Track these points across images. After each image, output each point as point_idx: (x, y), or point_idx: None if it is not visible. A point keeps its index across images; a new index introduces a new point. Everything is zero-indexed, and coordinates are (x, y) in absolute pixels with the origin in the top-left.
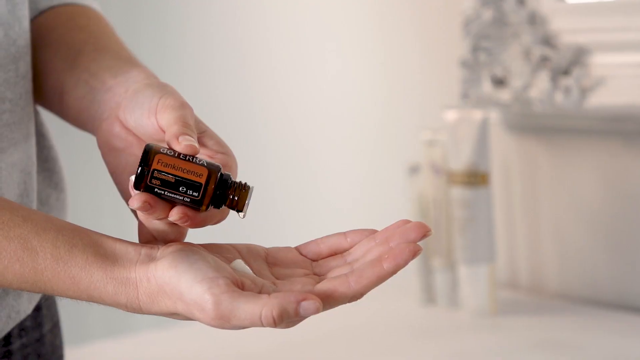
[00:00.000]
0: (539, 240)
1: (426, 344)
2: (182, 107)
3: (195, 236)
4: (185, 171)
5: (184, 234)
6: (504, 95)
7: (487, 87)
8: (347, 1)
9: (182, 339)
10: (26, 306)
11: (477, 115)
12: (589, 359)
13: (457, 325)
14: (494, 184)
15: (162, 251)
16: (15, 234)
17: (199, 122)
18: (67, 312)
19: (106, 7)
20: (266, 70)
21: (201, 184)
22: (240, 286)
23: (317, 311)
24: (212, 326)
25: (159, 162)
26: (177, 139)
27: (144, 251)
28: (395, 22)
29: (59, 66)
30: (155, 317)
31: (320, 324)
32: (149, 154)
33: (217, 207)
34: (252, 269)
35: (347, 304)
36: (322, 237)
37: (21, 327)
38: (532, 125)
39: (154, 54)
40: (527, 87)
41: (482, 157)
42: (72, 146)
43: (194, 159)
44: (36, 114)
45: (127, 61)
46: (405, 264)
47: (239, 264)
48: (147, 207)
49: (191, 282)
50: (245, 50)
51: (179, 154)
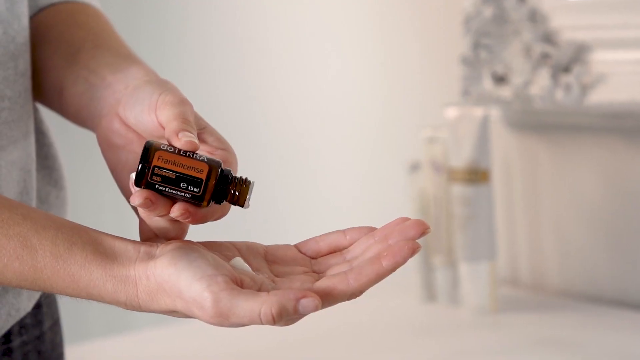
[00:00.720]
0: (540, 237)
1: (427, 342)
2: (182, 103)
3: (195, 234)
4: (185, 167)
5: (185, 231)
6: (505, 92)
7: (487, 84)
8: None
9: (182, 337)
10: (26, 304)
11: (477, 112)
12: (589, 356)
13: (458, 322)
14: (494, 181)
15: (162, 249)
16: (14, 232)
17: (199, 119)
18: (68, 309)
19: (106, 6)
20: (266, 68)
21: (202, 180)
22: (239, 284)
23: (316, 309)
24: (211, 324)
25: (159, 158)
26: (177, 135)
27: (143, 249)
28: (395, 20)
29: (59, 63)
30: (155, 314)
31: (320, 322)
32: (149, 151)
33: (218, 202)
34: (251, 267)
35: (347, 302)
36: (321, 235)
37: (21, 325)
38: (532, 122)
39: (154, 53)
40: (528, 84)
41: (482, 155)
42: (72, 144)
43: (194, 155)
44: (35, 111)
45: (126, 58)
46: (404, 261)
47: (238, 261)
48: (148, 204)
49: (190, 279)
50: (245, 47)
51: (179, 150)
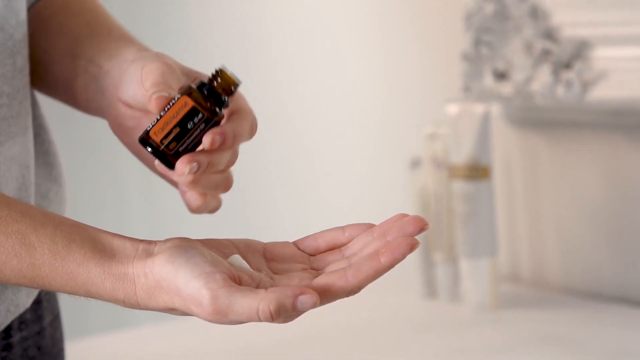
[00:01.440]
0: (541, 233)
1: (427, 338)
2: (159, 68)
3: (193, 232)
4: (176, 115)
5: (230, 180)
6: (506, 88)
7: (488, 80)
8: None
9: (182, 333)
10: (25, 300)
11: (478, 108)
12: (590, 353)
13: (459, 319)
14: (495, 177)
15: (160, 246)
16: (13, 229)
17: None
18: (68, 305)
19: (106, 3)
20: (265, 65)
21: (195, 108)
22: (237, 281)
23: (314, 305)
24: (210, 321)
25: (155, 134)
26: (150, 100)
27: (142, 246)
28: (396, 17)
29: (60, 57)
30: (154, 311)
31: (321, 318)
32: (146, 141)
33: (222, 104)
34: (249, 264)
35: (348, 298)
36: (320, 232)
37: (21, 320)
38: (533, 118)
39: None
40: (529, 81)
41: (483, 151)
42: (71, 141)
43: (172, 102)
44: (35, 107)
45: (119, 40)
46: (402, 258)
47: (237, 259)
48: (195, 166)
49: (188, 277)
50: (245, 41)
51: (161, 113)
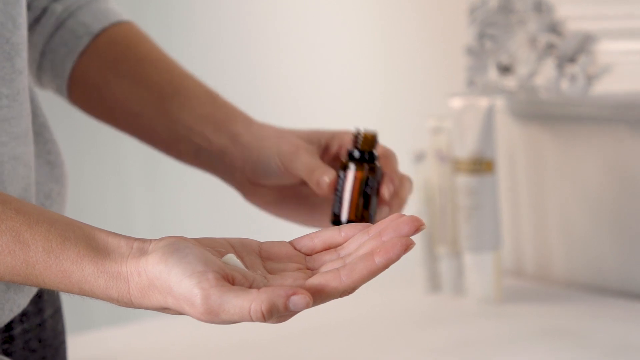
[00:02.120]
0: (545, 227)
1: (431, 332)
2: (299, 150)
3: (190, 230)
4: (353, 191)
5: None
6: (510, 82)
7: (492, 74)
8: None
9: (183, 327)
10: (26, 300)
11: (482, 102)
12: (594, 346)
13: (463, 313)
14: (499, 171)
15: (154, 245)
16: (7, 226)
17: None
18: (70, 299)
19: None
20: (267, 58)
21: (364, 177)
22: (230, 280)
23: (307, 306)
24: (202, 321)
25: (349, 215)
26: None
27: (136, 245)
28: (400, 10)
29: (143, 108)
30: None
31: (325, 312)
32: (341, 222)
33: (375, 158)
34: (244, 263)
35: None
36: (316, 232)
37: (22, 313)
38: (537, 112)
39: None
40: (533, 75)
41: (487, 145)
42: (72, 140)
43: (340, 181)
44: (37, 107)
45: (210, 104)
46: (397, 258)
47: (231, 258)
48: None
49: (180, 276)
50: (247, 33)
51: (337, 193)
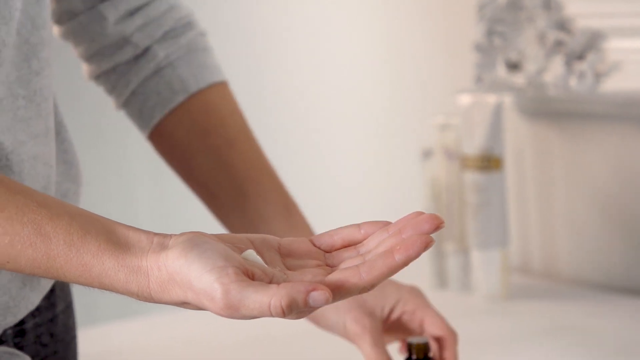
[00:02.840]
0: (552, 225)
1: None
2: (364, 334)
3: (208, 227)
4: None
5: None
6: (518, 79)
7: (501, 71)
8: None
9: (193, 321)
10: (40, 297)
11: (491, 99)
12: (601, 344)
13: (469, 309)
14: (507, 168)
15: (174, 240)
16: (29, 218)
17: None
18: (80, 293)
19: None
20: (276, 57)
21: None
22: (250, 276)
23: (326, 302)
24: (222, 315)
25: None
26: None
27: (157, 240)
28: (408, 6)
29: (220, 192)
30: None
31: None
32: None
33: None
34: (264, 260)
35: None
36: (335, 229)
37: (34, 308)
38: (546, 109)
39: None
40: (542, 72)
41: (495, 142)
42: (79, 138)
43: None
44: (55, 106)
45: (287, 223)
46: (416, 255)
47: (251, 254)
48: None
49: (200, 271)
50: (255, 29)
51: None
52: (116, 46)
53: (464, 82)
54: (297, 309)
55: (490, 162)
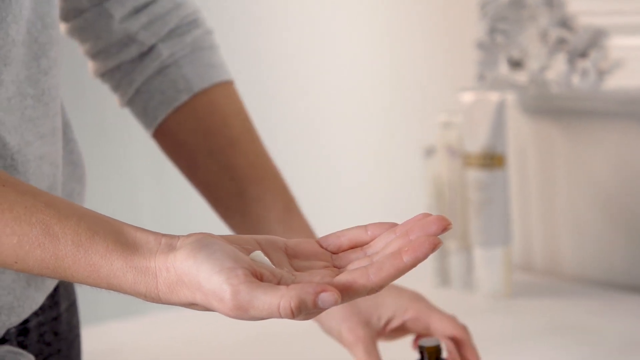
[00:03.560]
0: (555, 222)
1: None
2: (357, 343)
3: (210, 227)
4: None
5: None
6: (521, 77)
7: (503, 69)
8: None
9: (195, 320)
10: (44, 297)
11: (493, 97)
12: (604, 342)
13: (472, 307)
14: (509, 166)
15: (182, 241)
16: (37, 219)
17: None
18: (84, 292)
19: None
20: (278, 54)
21: None
22: (258, 277)
23: (335, 303)
24: (230, 317)
25: None
26: None
27: (165, 241)
28: (411, 4)
29: (223, 195)
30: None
31: None
32: None
33: None
34: (271, 261)
35: None
36: (342, 230)
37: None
38: (548, 107)
39: None
40: (544, 70)
41: (498, 140)
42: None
43: None
44: (62, 107)
45: (283, 222)
46: (424, 257)
47: (258, 255)
48: None
49: (209, 272)
50: (255, 28)
51: None
52: (121, 44)
53: (466, 80)
54: (306, 310)
55: (492, 160)
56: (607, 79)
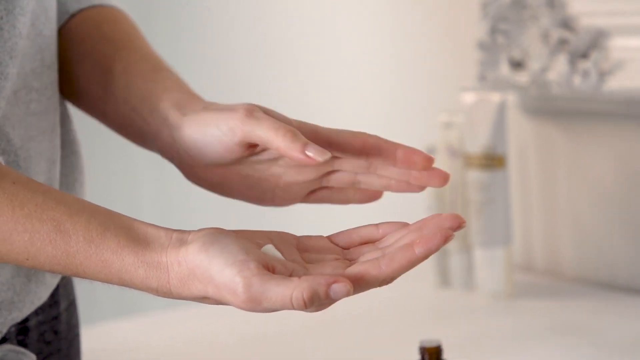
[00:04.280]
0: (555, 223)
1: (441, 327)
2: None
3: (226, 224)
4: None
5: None
6: (522, 77)
7: (504, 69)
8: None
9: (195, 319)
10: (46, 293)
11: (494, 97)
12: (604, 342)
13: (473, 308)
14: (510, 166)
15: (193, 235)
16: (48, 216)
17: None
18: (84, 291)
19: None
20: (279, 53)
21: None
22: (270, 270)
23: (347, 294)
24: (243, 309)
25: None
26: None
27: (175, 235)
28: (412, 4)
29: (94, 89)
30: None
31: (334, 307)
32: None
33: None
34: (283, 255)
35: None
36: (353, 228)
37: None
38: (549, 108)
39: (169, 49)
40: (545, 70)
41: (499, 140)
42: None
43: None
44: (62, 101)
45: (152, 80)
46: (437, 248)
47: (270, 249)
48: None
49: (222, 265)
50: (258, 28)
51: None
52: None
53: (467, 80)
54: (318, 302)
55: (493, 161)
56: (608, 80)
